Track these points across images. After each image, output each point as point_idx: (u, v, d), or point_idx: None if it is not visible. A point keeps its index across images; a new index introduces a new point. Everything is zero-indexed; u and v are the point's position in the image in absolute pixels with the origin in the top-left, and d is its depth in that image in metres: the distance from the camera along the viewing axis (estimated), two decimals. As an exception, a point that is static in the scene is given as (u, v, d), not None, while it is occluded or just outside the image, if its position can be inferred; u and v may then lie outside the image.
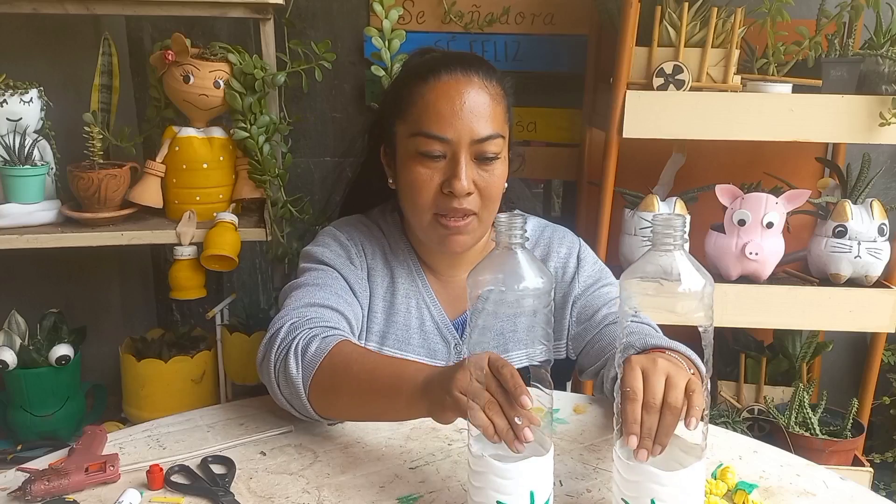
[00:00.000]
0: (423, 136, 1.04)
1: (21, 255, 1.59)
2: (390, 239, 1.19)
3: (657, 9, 1.56)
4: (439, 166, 1.05)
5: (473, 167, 1.04)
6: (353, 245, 1.16)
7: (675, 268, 0.68)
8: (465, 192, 1.03)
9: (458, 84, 1.04)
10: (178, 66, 1.55)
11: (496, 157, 1.05)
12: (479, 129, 1.03)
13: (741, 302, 1.62)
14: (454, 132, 1.02)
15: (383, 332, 1.15)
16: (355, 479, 0.85)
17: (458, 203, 1.04)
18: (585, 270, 1.19)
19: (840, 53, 1.61)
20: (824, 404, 1.74)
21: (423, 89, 1.05)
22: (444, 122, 1.03)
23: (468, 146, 1.03)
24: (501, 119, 1.07)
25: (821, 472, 0.89)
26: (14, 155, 1.52)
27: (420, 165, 1.05)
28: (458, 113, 1.03)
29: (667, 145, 1.70)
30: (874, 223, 1.60)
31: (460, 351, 1.16)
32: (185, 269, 1.59)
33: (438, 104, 1.04)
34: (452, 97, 1.03)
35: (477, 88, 1.04)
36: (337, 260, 1.12)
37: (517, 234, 0.71)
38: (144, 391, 1.67)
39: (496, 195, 1.08)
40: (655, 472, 0.69)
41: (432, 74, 1.06)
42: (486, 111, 1.04)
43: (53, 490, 0.80)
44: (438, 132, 1.03)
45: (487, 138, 1.03)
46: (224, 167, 1.63)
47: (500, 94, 1.07)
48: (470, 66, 1.06)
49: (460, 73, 1.05)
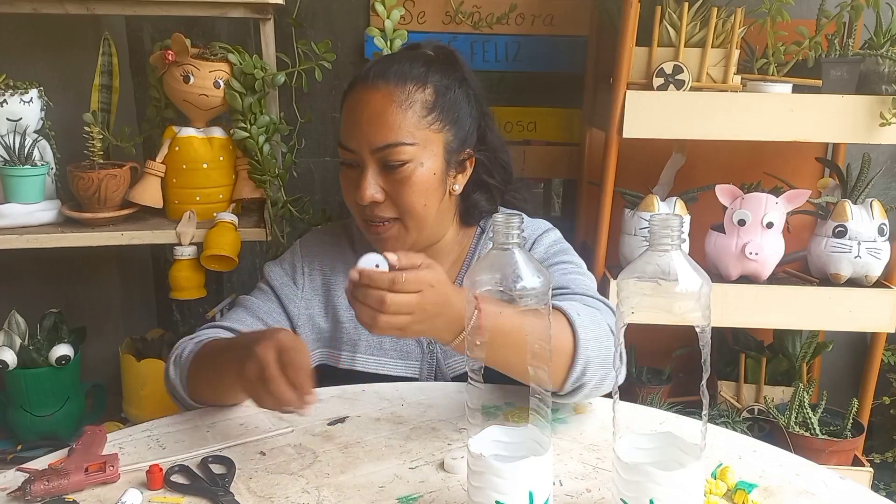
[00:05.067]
0: (339, 145, 1.09)
1: (21, 255, 1.59)
2: (358, 246, 1.19)
3: (657, 9, 1.56)
4: (354, 175, 1.08)
5: (380, 175, 1.06)
6: (306, 263, 1.19)
7: (672, 268, 0.68)
8: (367, 200, 1.05)
9: (364, 93, 1.06)
10: (178, 66, 1.55)
11: (402, 165, 1.04)
12: (378, 138, 1.04)
13: (741, 302, 1.62)
14: (356, 142, 1.06)
15: (355, 341, 1.16)
16: (355, 479, 0.85)
17: (370, 210, 1.07)
18: (537, 253, 1.15)
19: (840, 53, 1.61)
20: (824, 404, 1.74)
21: (345, 100, 1.10)
22: (348, 131, 1.07)
23: (370, 155, 1.05)
24: (412, 125, 1.05)
25: (821, 472, 0.89)
26: (14, 155, 1.53)
27: (343, 174, 1.10)
28: (359, 122, 1.05)
29: (667, 145, 1.70)
30: (874, 223, 1.60)
31: (433, 350, 1.16)
32: (185, 269, 1.59)
33: (347, 115, 1.09)
34: (355, 107, 1.07)
35: (381, 97, 1.05)
36: (277, 280, 1.18)
37: (514, 233, 0.71)
38: (144, 391, 1.68)
39: (412, 201, 1.06)
40: (654, 471, 0.69)
41: (352, 84, 1.10)
42: (387, 119, 1.04)
43: (53, 490, 0.80)
44: (345, 142, 1.07)
45: (387, 147, 1.04)
46: (224, 167, 1.63)
47: (414, 99, 1.05)
48: (384, 74, 1.06)
49: (370, 83, 1.06)
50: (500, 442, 0.75)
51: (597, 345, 0.93)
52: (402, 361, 1.16)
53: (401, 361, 1.16)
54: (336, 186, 1.31)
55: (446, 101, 1.08)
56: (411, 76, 1.06)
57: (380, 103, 1.04)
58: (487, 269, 0.71)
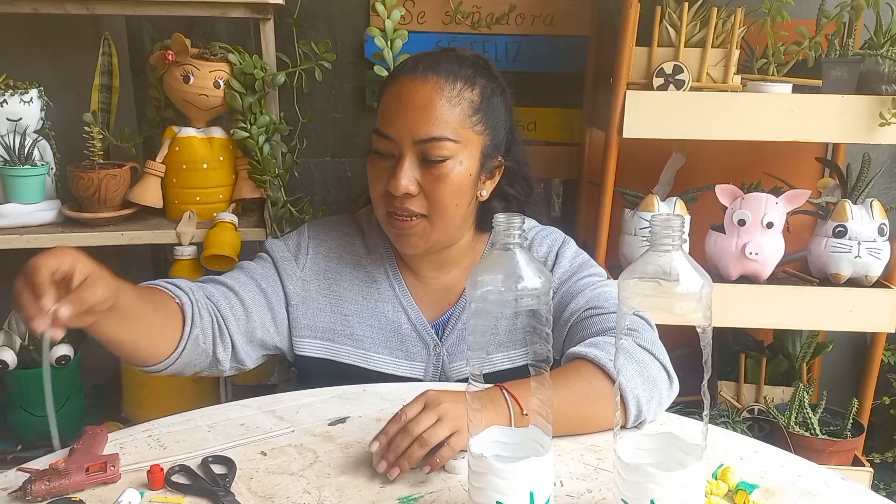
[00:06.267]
0: (375, 133, 1.06)
1: (21, 255, 1.58)
2: (368, 240, 1.19)
3: (657, 9, 1.56)
4: (387, 165, 1.06)
5: (418, 168, 1.04)
6: (312, 245, 1.17)
7: (673, 268, 0.68)
8: (402, 191, 1.03)
9: (412, 83, 1.04)
10: (178, 66, 1.55)
11: (442, 161, 1.03)
12: (423, 130, 1.02)
13: (741, 302, 1.62)
14: (396, 131, 1.04)
15: (359, 336, 1.15)
16: (355, 479, 0.85)
17: (399, 202, 1.05)
18: (562, 266, 1.15)
19: (840, 53, 1.61)
20: (824, 404, 1.74)
21: (385, 89, 1.08)
22: (389, 120, 1.05)
23: (411, 146, 1.03)
24: (458, 122, 1.04)
25: (821, 473, 0.89)
26: (14, 155, 1.53)
27: (372, 163, 1.08)
28: (403, 111, 1.03)
29: (667, 145, 1.70)
30: (874, 223, 1.60)
31: (440, 353, 1.15)
32: (185, 269, 1.59)
33: (389, 102, 1.06)
34: (401, 96, 1.04)
35: (430, 89, 1.03)
36: (278, 253, 1.16)
37: (515, 234, 0.71)
38: (144, 391, 1.68)
39: (445, 200, 1.05)
40: (655, 472, 0.69)
41: (395, 75, 1.08)
42: (435, 112, 1.02)
43: (54, 490, 0.80)
44: (383, 129, 1.05)
45: (431, 140, 1.02)
46: (224, 167, 1.63)
47: (463, 97, 1.05)
48: (434, 68, 1.05)
49: (419, 73, 1.05)
50: (501, 442, 0.75)
51: (639, 380, 0.93)
52: (406, 362, 1.15)
53: (406, 362, 1.15)
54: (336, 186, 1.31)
55: (490, 105, 1.08)
56: (461, 75, 1.06)
57: (429, 95, 1.03)
58: (489, 269, 0.71)
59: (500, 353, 1.15)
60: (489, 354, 1.14)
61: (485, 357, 1.10)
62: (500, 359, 1.14)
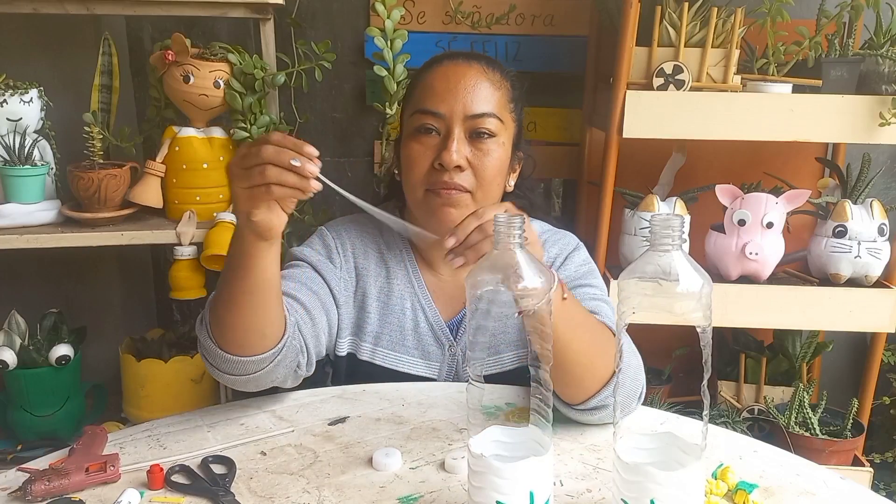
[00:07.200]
0: (419, 112, 1.08)
1: (21, 255, 1.59)
2: (387, 238, 1.19)
3: (657, 9, 1.56)
4: (433, 142, 1.08)
5: (467, 144, 1.07)
6: (339, 244, 1.17)
7: (673, 268, 0.68)
8: (455, 164, 1.05)
9: (458, 67, 1.09)
10: (178, 66, 1.55)
11: (491, 136, 1.07)
12: (474, 106, 1.06)
13: (741, 302, 1.62)
14: (447, 107, 1.06)
15: (377, 333, 1.15)
16: (355, 479, 0.85)
17: (448, 177, 1.06)
18: (568, 270, 1.16)
19: (840, 53, 1.61)
20: (824, 404, 1.74)
21: (426, 75, 1.11)
22: (439, 97, 1.07)
23: (462, 121, 1.06)
24: (501, 104, 1.10)
25: (821, 472, 0.89)
26: (14, 155, 1.53)
27: (415, 142, 1.09)
28: (454, 89, 1.07)
29: (667, 145, 1.70)
30: (874, 223, 1.60)
31: (455, 353, 1.15)
32: (185, 269, 1.59)
33: (436, 83, 1.09)
34: (449, 77, 1.08)
35: (476, 72, 1.09)
36: (313, 257, 1.14)
37: (515, 234, 0.71)
38: (144, 391, 1.68)
39: (491, 176, 1.08)
40: (655, 472, 0.69)
41: (436, 62, 1.12)
42: (483, 91, 1.07)
43: (54, 490, 0.80)
44: (432, 107, 1.07)
45: (482, 115, 1.06)
46: (224, 167, 1.63)
47: (502, 84, 1.11)
48: (473, 57, 1.11)
49: (462, 60, 1.10)
50: (501, 442, 0.75)
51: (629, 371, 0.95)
52: (422, 360, 1.15)
53: (421, 360, 1.15)
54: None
55: (517, 99, 1.14)
56: (497, 67, 1.12)
57: (476, 77, 1.08)
58: (489, 268, 0.71)
59: (518, 350, 1.15)
60: (500, 354, 1.14)
61: (485, 358, 1.10)
62: (517, 356, 1.14)
